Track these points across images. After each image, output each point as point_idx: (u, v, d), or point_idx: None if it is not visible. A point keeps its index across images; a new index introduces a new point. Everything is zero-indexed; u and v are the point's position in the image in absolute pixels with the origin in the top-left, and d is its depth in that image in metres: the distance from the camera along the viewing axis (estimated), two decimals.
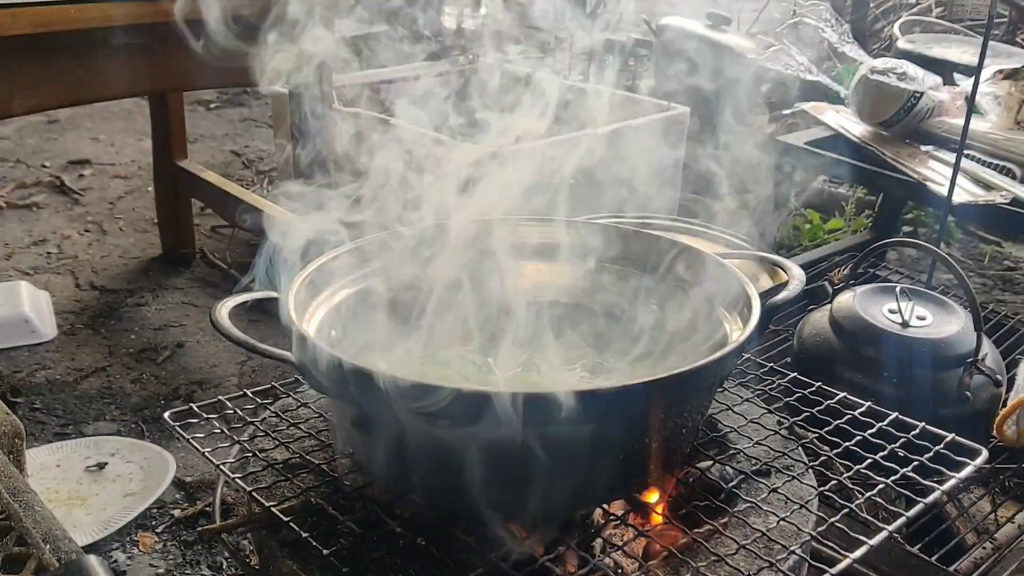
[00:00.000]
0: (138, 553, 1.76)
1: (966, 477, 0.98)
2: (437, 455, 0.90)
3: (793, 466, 1.08)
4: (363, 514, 0.97)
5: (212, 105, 4.59)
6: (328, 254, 1.08)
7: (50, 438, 2.08)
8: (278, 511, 0.95)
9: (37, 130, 4.16)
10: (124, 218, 3.32)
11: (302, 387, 1.19)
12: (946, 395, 1.37)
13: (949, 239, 3.20)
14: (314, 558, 0.92)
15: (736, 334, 0.99)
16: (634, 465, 0.95)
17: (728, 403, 1.18)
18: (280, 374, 1.20)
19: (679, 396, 0.93)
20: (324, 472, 1.04)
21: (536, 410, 0.80)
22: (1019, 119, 2.03)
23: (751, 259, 1.32)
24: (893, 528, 0.91)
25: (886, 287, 1.51)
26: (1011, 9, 3.19)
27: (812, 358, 1.48)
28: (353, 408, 0.93)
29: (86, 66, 1.96)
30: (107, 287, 2.83)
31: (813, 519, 0.99)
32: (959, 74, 2.27)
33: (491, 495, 0.88)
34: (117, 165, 3.81)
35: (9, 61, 1.83)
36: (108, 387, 2.30)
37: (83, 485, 1.90)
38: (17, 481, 0.98)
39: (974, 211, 1.86)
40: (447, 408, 0.81)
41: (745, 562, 0.91)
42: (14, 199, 3.41)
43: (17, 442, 1.30)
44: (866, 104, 2.11)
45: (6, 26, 1.75)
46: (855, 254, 1.94)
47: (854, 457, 1.04)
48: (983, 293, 2.88)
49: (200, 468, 2.00)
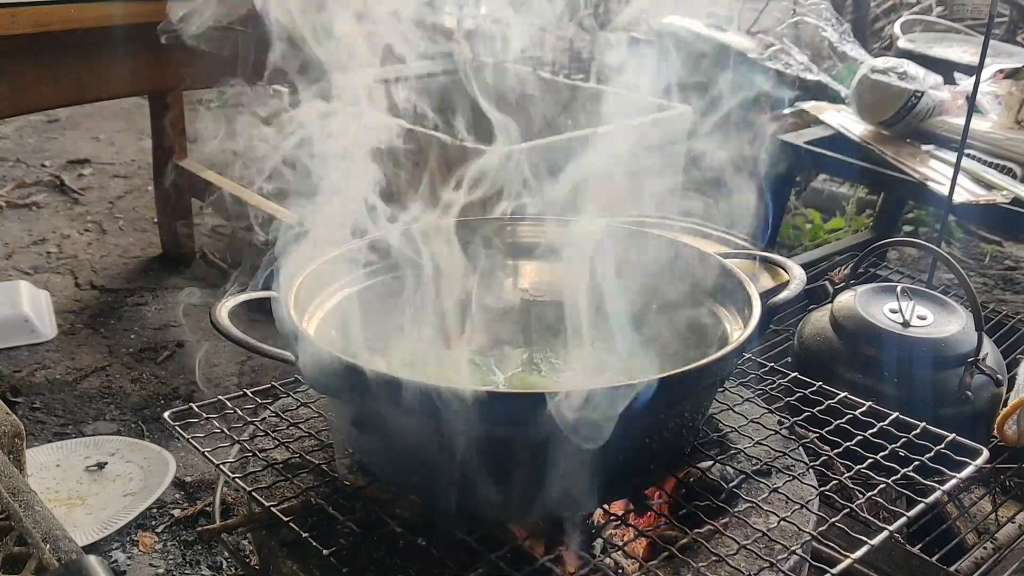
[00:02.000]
0: (138, 553, 1.76)
1: (967, 477, 0.98)
2: (435, 455, 0.90)
3: (794, 466, 1.08)
4: (363, 514, 0.96)
5: (212, 105, 4.59)
6: (328, 254, 1.07)
7: (50, 438, 2.08)
8: (278, 511, 0.95)
9: (37, 129, 4.16)
10: (124, 218, 3.32)
11: (302, 387, 1.19)
12: (947, 395, 1.37)
13: (950, 239, 3.20)
14: (314, 558, 0.92)
15: (737, 334, 0.99)
16: (634, 465, 0.95)
17: (729, 403, 1.18)
18: (280, 374, 1.20)
19: (679, 396, 0.93)
20: (324, 472, 1.04)
21: (535, 410, 0.80)
22: (1020, 118, 2.03)
23: (752, 259, 1.32)
24: (894, 528, 0.91)
25: (887, 287, 1.51)
26: (1012, 8, 3.19)
27: (813, 358, 1.48)
28: (353, 408, 0.93)
29: (86, 66, 1.96)
30: (107, 287, 2.83)
31: (814, 519, 0.98)
32: (960, 73, 2.27)
33: (491, 495, 0.88)
34: (117, 164, 3.81)
35: (9, 61, 1.83)
36: (108, 387, 2.30)
37: (83, 485, 1.90)
38: (17, 481, 0.98)
39: (975, 210, 1.86)
40: (446, 408, 0.81)
41: (746, 562, 0.91)
42: (14, 198, 3.41)
43: (17, 442, 1.29)
44: (867, 103, 2.11)
45: (6, 26, 1.75)
46: (856, 254, 1.94)
47: (855, 457, 1.04)
48: (984, 293, 2.88)
49: (200, 468, 1.99)
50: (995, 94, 2.08)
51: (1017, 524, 1.41)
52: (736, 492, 1.02)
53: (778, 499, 1.02)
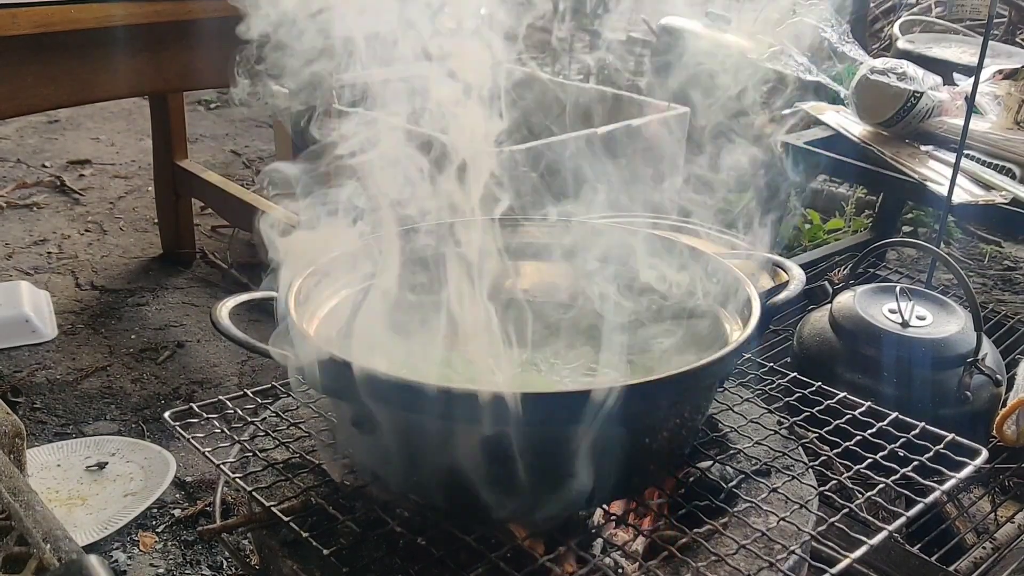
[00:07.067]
0: (138, 553, 1.77)
1: (966, 477, 0.97)
2: (435, 455, 0.90)
3: (793, 466, 1.08)
4: (363, 514, 0.97)
5: (212, 105, 4.59)
6: (327, 254, 1.08)
7: (50, 438, 2.08)
8: (278, 511, 0.95)
9: (37, 130, 4.16)
10: (124, 218, 3.32)
11: (302, 386, 1.19)
12: (946, 395, 1.37)
13: (949, 239, 3.20)
14: (314, 558, 0.92)
15: (736, 334, 0.99)
16: (634, 465, 0.95)
17: (728, 403, 1.18)
18: (280, 374, 1.20)
19: (679, 396, 0.93)
20: (324, 472, 1.04)
21: (536, 410, 0.80)
22: (1019, 119, 2.03)
23: (751, 259, 1.32)
24: (893, 528, 0.91)
25: (886, 287, 1.51)
26: (1011, 9, 3.20)
27: (812, 358, 1.48)
28: (352, 408, 0.93)
29: (87, 66, 1.96)
30: (107, 287, 2.83)
31: (813, 519, 0.99)
32: (959, 74, 2.27)
33: (490, 494, 0.88)
34: (117, 165, 3.82)
35: (10, 61, 1.83)
36: (108, 387, 2.30)
37: (83, 485, 1.90)
38: (17, 481, 0.98)
39: (974, 211, 1.86)
40: (446, 408, 0.81)
41: (745, 562, 0.91)
42: (14, 199, 3.41)
43: (17, 442, 1.30)
44: (866, 104, 2.11)
45: (7, 26, 1.75)
46: (855, 254, 1.94)
47: (854, 457, 1.04)
48: (983, 293, 2.88)
49: (200, 468, 2.00)
50: (994, 95, 2.08)
51: (1016, 524, 1.41)
52: (735, 492, 1.03)
53: (777, 499, 1.02)
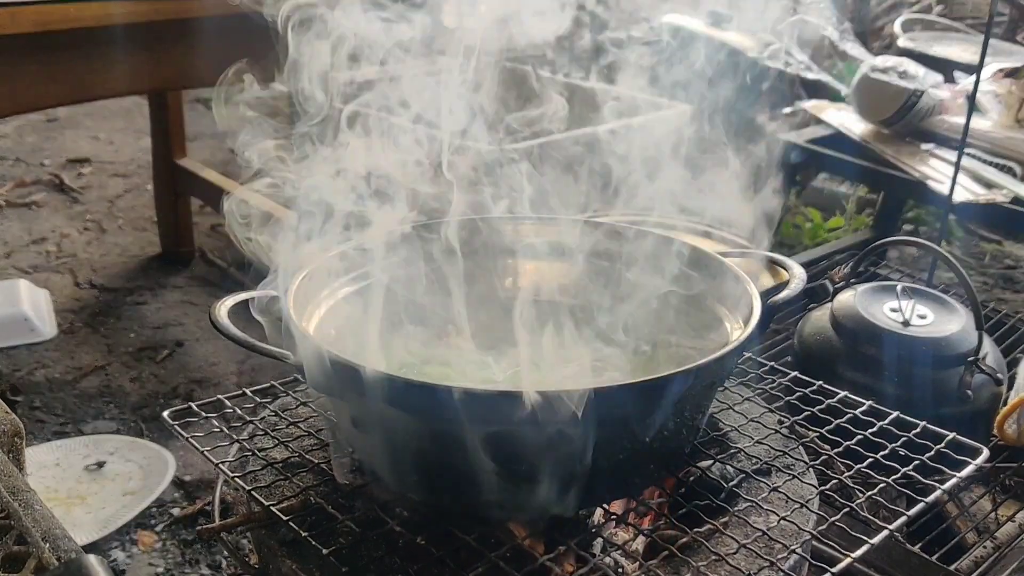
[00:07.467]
0: (138, 552, 1.76)
1: (967, 476, 0.97)
2: (435, 454, 0.90)
3: (794, 465, 1.08)
4: (362, 513, 0.96)
5: (212, 103, 4.59)
6: (327, 253, 1.07)
7: (49, 437, 2.08)
8: (277, 510, 0.95)
9: (36, 128, 4.16)
10: (123, 216, 3.32)
11: (301, 386, 1.19)
12: (947, 394, 1.37)
13: (950, 237, 3.19)
14: (313, 557, 0.92)
15: (737, 333, 0.99)
16: (634, 464, 0.95)
17: (729, 402, 1.18)
18: (279, 373, 1.20)
19: (680, 395, 0.93)
20: (323, 471, 1.04)
21: (536, 408, 0.80)
22: (1020, 117, 2.03)
23: (752, 258, 1.31)
24: (894, 527, 0.90)
25: (887, 286, 1.51)
26: (1011, 7, 3.19)
27: (813, 357, 1.48)
28: (352, 407, 0.93)
29: (86, 64, 1.96)
30: (106, 286, 2.82)
31: (814, 518, 0.98)
32: (960, 72, 2.27)
33: (490, 494, 0.88)
34: (116, 163, 3.81)
35: (9, 59, 1.83)
36: (107, 386, 2.30)
37: (82, 484, 1.90)
38: (16, 480, 0.98)
39: (975, 209, 1.86)
40: (446, 407, 0.81)
41: (746, 561, 0.91)
42: (13, 197, 3.41)
43: (16, 441, 1.29)
44: (867, 102, 2.11)
45: (6, 25, 1.75)
46: (856, 253, 1.94)
47: (855, 456, 1.04)
48: (984, 292, 2.88)
49: (199, 467, 1.99)
50: (995, 93, 2.08)
51: (1017, 523, 1.41)
52: (736, 491, 1.02)
53: (778, 498, 1.02)
